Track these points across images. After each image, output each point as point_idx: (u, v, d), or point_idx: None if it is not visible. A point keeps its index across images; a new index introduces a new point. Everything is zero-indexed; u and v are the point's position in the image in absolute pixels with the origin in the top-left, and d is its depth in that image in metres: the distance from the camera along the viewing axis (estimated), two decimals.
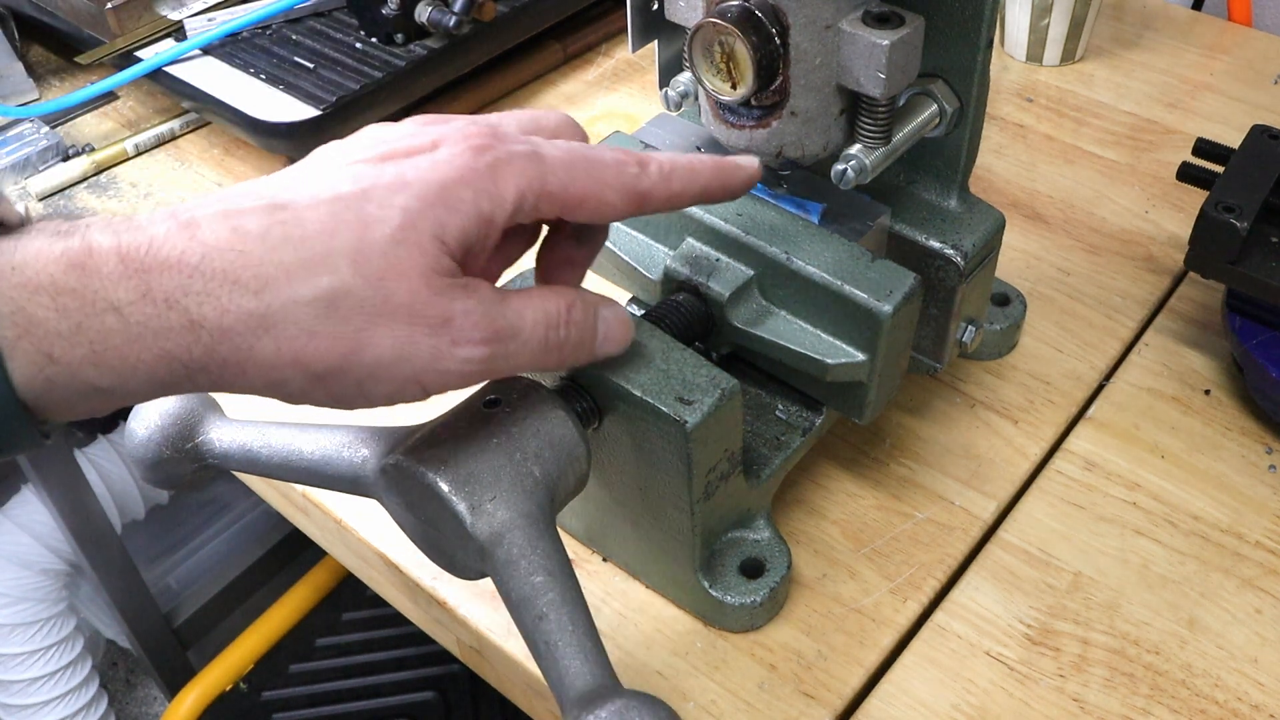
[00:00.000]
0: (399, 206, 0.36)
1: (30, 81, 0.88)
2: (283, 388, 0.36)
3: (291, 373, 0.35)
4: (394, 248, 0.36)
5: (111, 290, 0.33)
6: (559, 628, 0.39)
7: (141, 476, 0.51)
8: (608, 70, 0.90)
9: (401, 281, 0.36)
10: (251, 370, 0.35)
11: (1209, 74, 0.87)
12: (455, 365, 0.38)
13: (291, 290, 0.35)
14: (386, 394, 0.37)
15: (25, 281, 0.33)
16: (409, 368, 0.37)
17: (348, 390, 0.37)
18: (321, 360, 0.35)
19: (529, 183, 0.39)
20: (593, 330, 0.43)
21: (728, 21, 0.44)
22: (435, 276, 0.37)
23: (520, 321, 0.39)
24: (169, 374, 0.34)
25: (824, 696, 0.50)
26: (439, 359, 0.37)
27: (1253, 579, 0.54)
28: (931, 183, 0.54)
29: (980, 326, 0.57)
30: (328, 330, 0.35)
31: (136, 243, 0.34)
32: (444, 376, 0.38)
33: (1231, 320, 0.60)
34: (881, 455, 0.60)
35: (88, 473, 1.19)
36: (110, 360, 0.34)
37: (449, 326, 0.37)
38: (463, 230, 0.37)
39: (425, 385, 0.38)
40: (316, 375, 0.36)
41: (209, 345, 0.34)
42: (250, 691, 1.24)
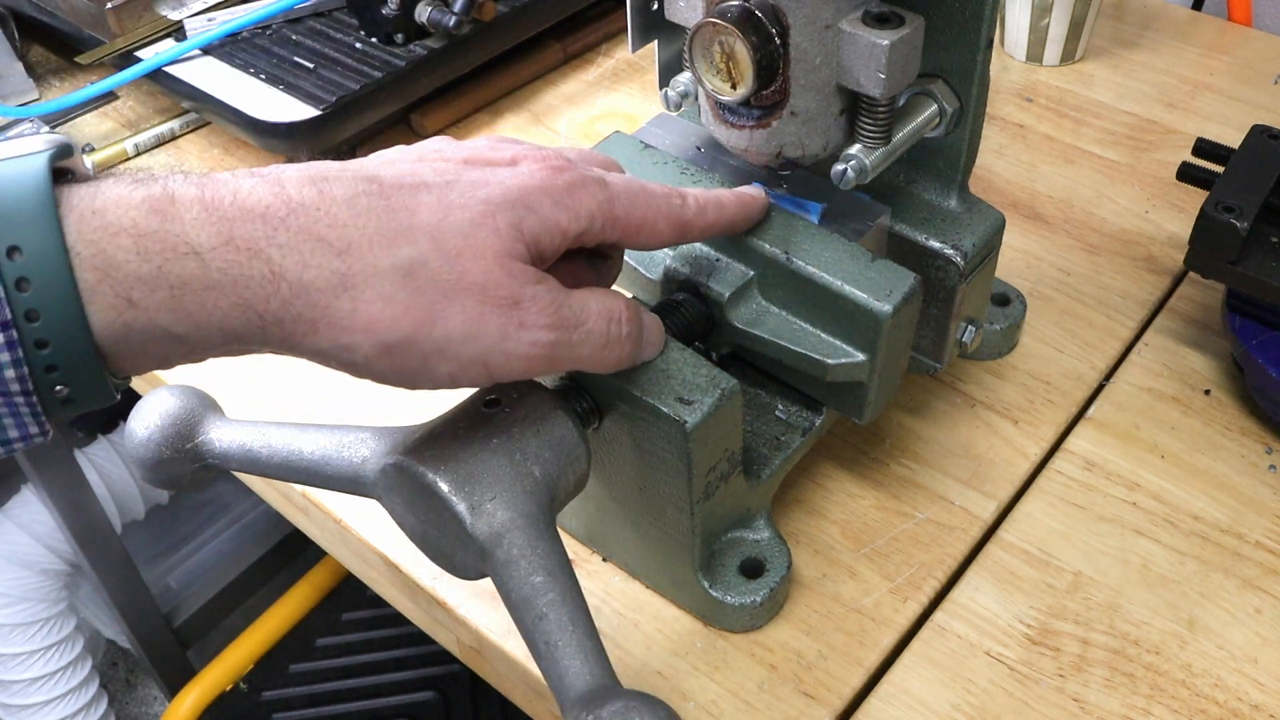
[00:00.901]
0: (481, 198, 0.38)
1: (30, 81, 0.88)
2: (350, 353, 0.36)
3: (363, 338, 0.36)
4: (473, 229, 0.37)
5: (194, 234, 0.34)
6: (559, 628, 0.39)
7: (141, 476, 0.51)
8: (608, 70, 0.90)
9: (477, 261, 0.37)
10: (324, 330, 0.35)
11: (1209, 74, 0.87)
12: (521, 348, 0.38)
13: (373, 256, 0.36)
14: (450, 373, 0.38)
15: (106, 225, 0.33)
16: (476, 346, 0.37)
17: (412, 364, 0.37)
18: (394, 328, 0.36)
19: (599, 205, 0.41)
20: (637, 342, 0.44)
21: (728, 21, 0.44)
22: (509, 260, 0.38)
23: (585, 313, 0.40)
24: (244, 325, 0.35)
25: (824, 696, 0.50)
26: (506, 339, 0.38)
27: (1253, 579, 0.54)
28: (931, 183, 0.54)
29: (980, 326, 0.57)
30: (403, 299, 0.36)
31: (220, 193, 0.35)
32: (509, 359, 0.38)
33: (1231, 320, 0.60)
34: (881, 455, 0.60)
35: (88, 473, 1.19)
36: (188, 306, 0.34)
37: (518, 309, 0.38)
38: (538, 231, 0.39)
39: (490, 367, 0.38)
40: (386, 345, 0.36)
41: (287, 298, 0.35)
42: (250, 691, 1.24)
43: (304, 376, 0.65)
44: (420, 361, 0.37)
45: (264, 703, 1.23)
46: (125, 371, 0.36)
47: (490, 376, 0.39)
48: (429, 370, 0.37)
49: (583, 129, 0.83)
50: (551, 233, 0.39)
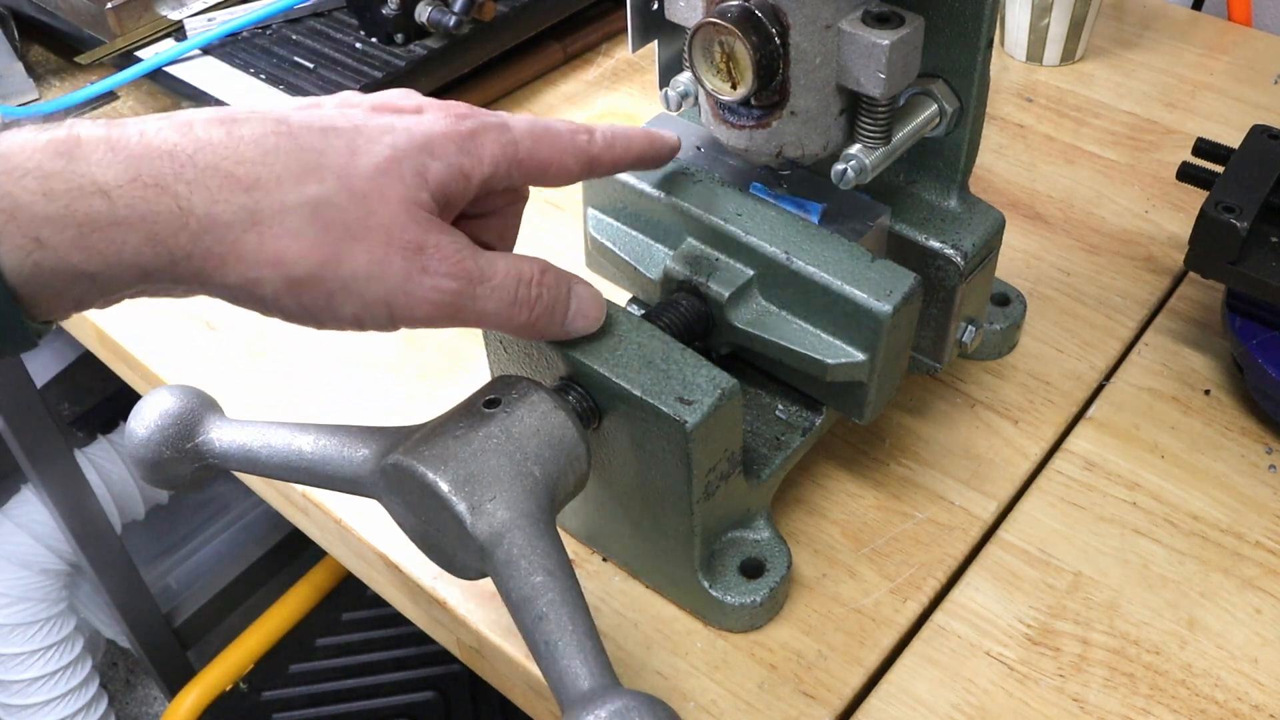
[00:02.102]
0: (387, 143, 0.39)
1: (30, 81, 0.88)
2: (258, 288, 0.37)
3: (270, 273, 0.36)
4: (379, 174, 0.38)
5: (100, 174, 0.34)
6: (559, 628, 0.39)
7: (141, 476, 0.51)
8: (608, 70, 0.90)
9: (383, 204, 0.38)
10: (232, 264, 0.36)
11: (1209, 74, 0.87)
12: (424, 293, 0.39)
13: (281, 193, 0.36)
14: (354, 312, 0.38)
15: (11, 168, 0.34)
16: (380, 287, 0.38)
17: (318, 301, 0.38)
18: (300, 263, 0.37)
19: (503, 149, 0.41)
20: (564, 300, 0.44)
21: (728, 21, 0.44)
22: (415, 208, 0.39)
23: (492, 270, 0.41)
24: (153, 261, 0.35)
25: (824, 696, 0.50)
26: (409, 282, 0.38)
27: (1253, 579, 0.54)
28: (931, 183, 0.54)
29: (980, 326, 0.57)
30: (310, 235, 0.37)
31: (127, 134, 0.35)
32: (412, 302, 0.39)
33: (1231, 320, 0.60)
34: (881, 455, 0.60)
35: (88, 473, 1.19)
36: (97, 244, 0.34)
37: (422, 254, 0.38)
38: (443, 177, 0.40)
39: (393, 309, 0.38)
40: (293, 279, 0.37)
41: (195, 233, 0.35)
42: (250, 691, 1.24)
43: (304, 377, 0.65)
44: (326, 299, 0.38)
45: (264, 703, 1.23)
46: (42, 315, 0.36)
47: (393, 319, 0.39)
48: (334, 308, 0.38)
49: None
50: (457, 179, 0.40)
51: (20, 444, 1.08)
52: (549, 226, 0.74)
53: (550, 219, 0.75)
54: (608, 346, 0.46)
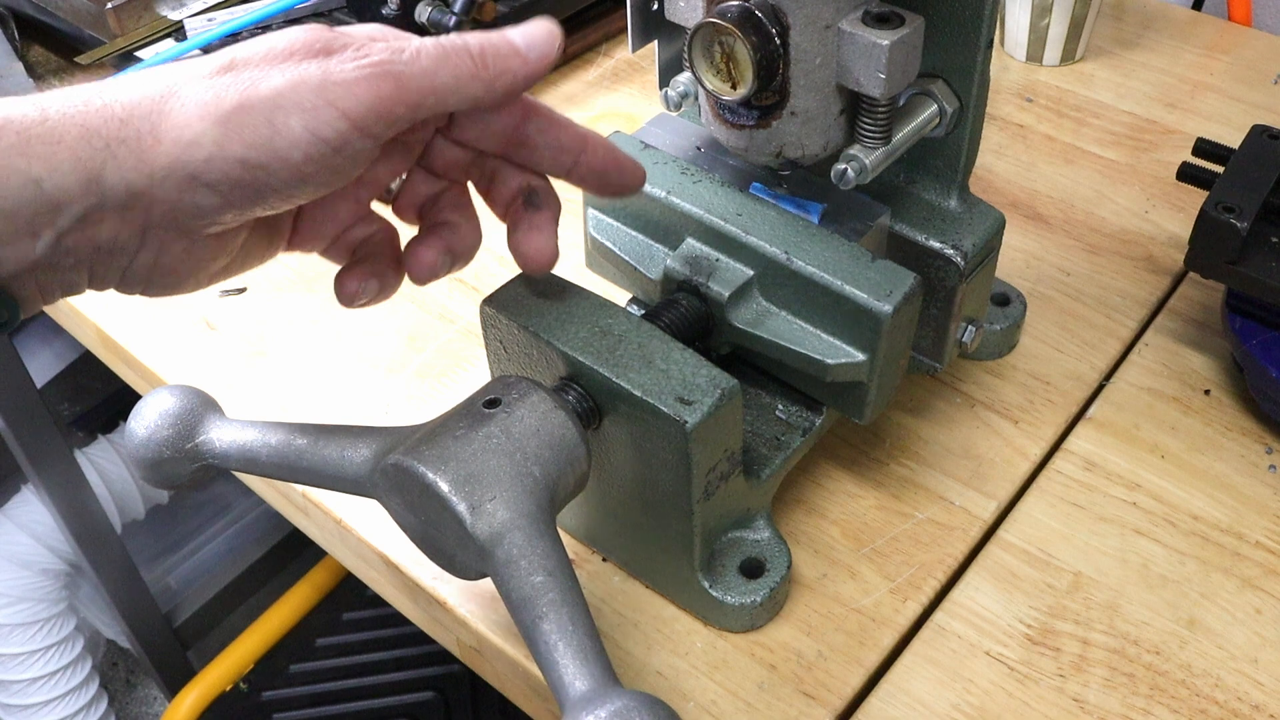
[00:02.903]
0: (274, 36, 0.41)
1: (30, 81, 0.88)
2: (198, 145, 0.37)
3: (201, 125, 0.37)
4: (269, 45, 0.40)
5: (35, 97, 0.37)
6: (559, 628, 0.39)
7: (141, 476, 0.51)
8: (608, 70, 0.90)
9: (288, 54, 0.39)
10: (164, 132, 0.37)
11: (1209, 74, 0.87)
12: (353, 73, 0.38)
13: (189, 69, 0.39)
14: (305, 125, 0.38)
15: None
16: (307, 88, 0.38)
17: (260, 131, 0.37)
18: (220, 104, 0.37)
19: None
20: (505, 40, 0.42)
21: (728, 21, 0.44)
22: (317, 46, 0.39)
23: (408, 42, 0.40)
24: (90, 153, 0.36)
25: (824, 696, 0.50)
26: (332, 74, 0.38)
27: (1253, 579, 0.54)
28: (931, 183, 0.54)
29: (980, 326, 0.57)
30: (221, 83, 0.38)
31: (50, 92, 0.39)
32: (348, 91, 0.38)
33: (1231, 320, 0.60)
34: (881, 455, 0.60)
35: (88, 473, 1.19)
36: (35, 145, 0.36)
37: (330, 53, 0.39)
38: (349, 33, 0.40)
39: (337, 104, 0.38)
40: (222, 119, 0.37)
41: (122, 117, 0.37)
42: (250, 691, 1.24)
43: (304, 377, 0.65)
44: (267, 125, 0.37)
45: (264, 703, 1.23)
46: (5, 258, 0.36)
47: (347, 117, 0.38)
48: (280, 131, 0.38)
49: None
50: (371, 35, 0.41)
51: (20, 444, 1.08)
52: None
53: None
54: (608, 346, 0.46)
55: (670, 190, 0.52)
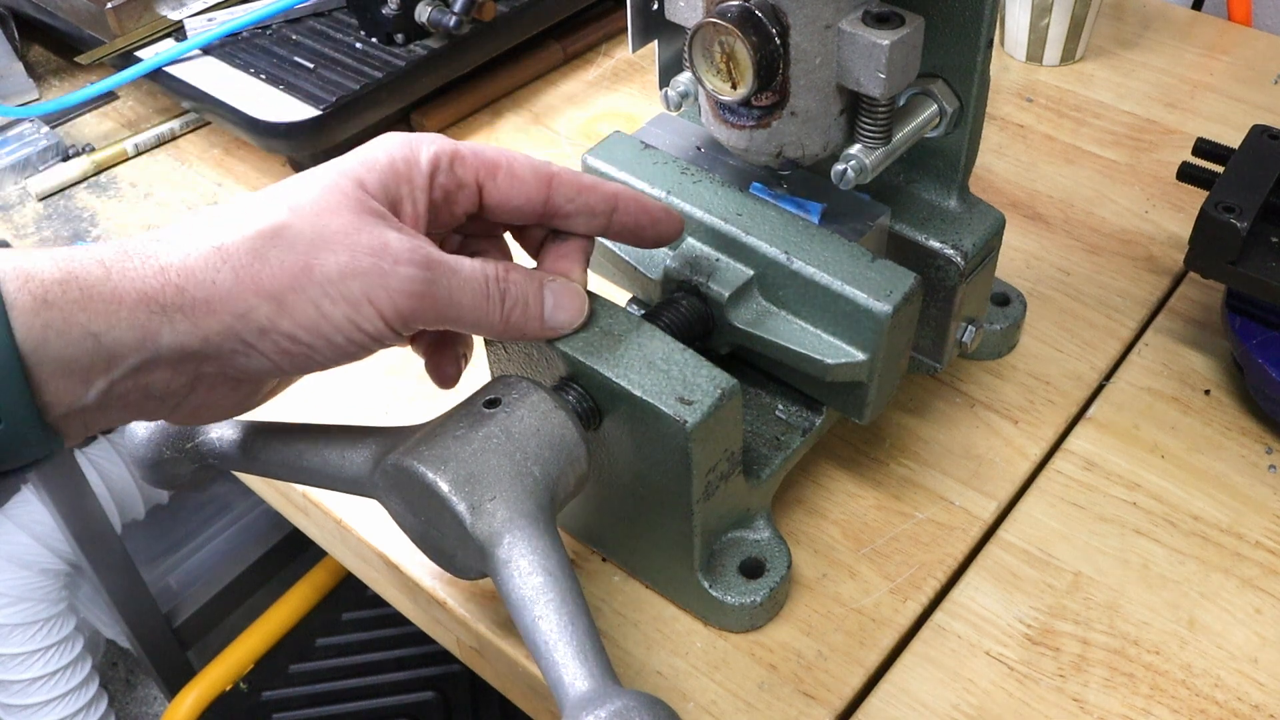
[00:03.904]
0: (323, 172, 0.43)
1: (30, 81, 0.88)
2: (251, 317, 0.39)
3: (254, 299, 0.39)
4: (321, 195, 0.41)
5: (96, 251, 0.38)
6: (559, 628, 0.39)
7: (141, 476, 0.51)
8: (608, 70, 0.90)
9: (334, 216, 0.41)
10: (218, 303, 0.39)
11: (1209, 74, 0.87)
12: (399, 283, 0.40)
13: (240, 230, 0.40)
14: (346, 315, 0.40)
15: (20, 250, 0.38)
16: (358, 284, 0.40)
17: (309, 313, 0.39)
18: (277, 280, 0.39)
19: (441, 147, 0.44)
20: (538, 295, 0.45)
21: (728, 21, 0.44)
22: (364, 213, 0.41)
23: (458, 264, 0.43)
24: (148, 315, 0.38)
25: (824, 696, 0.50)
26: (383, 276, 0.40)
27: (1253, 579, 0.54)
28: (931, 183, 0.54)
29: (980, 326, 0.57)
30: (277, 255, 0.39)
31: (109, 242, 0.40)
32: (391, 295, 0.40)
33: (1231, 320, 0.60)
34: (881, 455, 0.60)
35: (88, 473, 1.19)
36: (97, 304, 0.37)
37: (387, 250, 0.41)
38: (382, 177, 0.42)
39: (376, 304, 0.40)
40: (276, 297, 0.39)
41: (178, 284, 0.38)
42: (250, 691, 1.24)
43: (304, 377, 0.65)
44: (314, 309, 0.40)
45: (264, 703, 1.23)
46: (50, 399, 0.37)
47: (382, 317, 0.40)
48: (327, 317, 0.40)
49: (583, 129, 0.83)
50: (397, 178, 0.43)
51: None
52: None
53: None
54: (607, 346, 0.46)
55: (670, 190, 0.52)
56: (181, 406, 0.41)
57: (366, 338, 0.41)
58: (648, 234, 0.49)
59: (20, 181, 0.79)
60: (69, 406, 0.37)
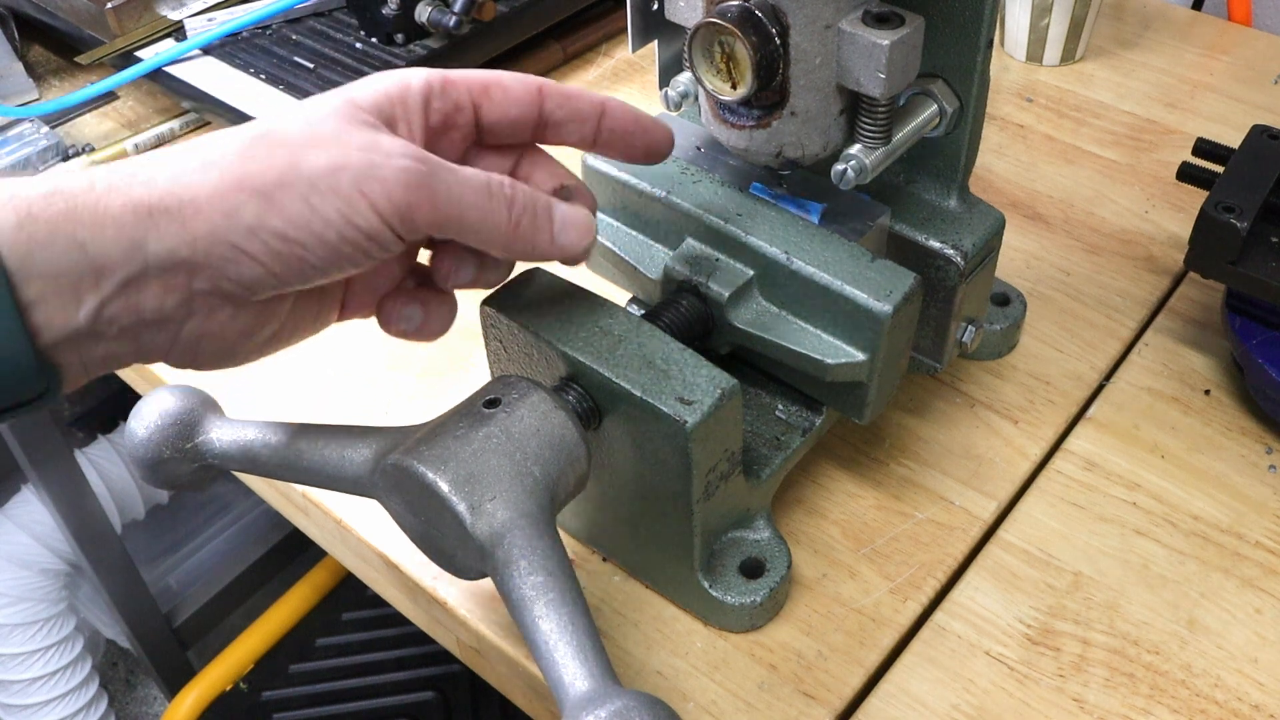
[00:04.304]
0: (312, 99, 0.42)
1: (30, 81, 0.88)
2: (238, 216, 0.38)
3: (240, 196, 0.38)
4: (310, 108, 0.41)
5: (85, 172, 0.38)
6: (559, 628, 0.39)
7: (141, 476, 0.51)
8: (608, 70, 0.90)
9: (323, 123, 0.40)
10: (204, 203, 0.38)
11: (1209, 74, 0.87)
12: (394, 173, 0.39)
13: (228, 138, 0.39)
14: (337, 209, 0.38)
15: (8, 176, 0.38)
16: (347, 177, 0.38)
17: (299, 209, 0.38)
18: (262, 176, 0.38)
19: (430, 74, 0.43)
20: (546, 208, 0.44)
21: (728, 21, 0.44)
22: (356, 122, 0.40)
23: (456, 167, 0.41)
24: (135, 221, 0.37)
25: (824, 696, 0.50)
26: (375, 168, 0.39)
27: (1253, 579, 0.54)
28: (931, 183, 0.54)
29: (980, 326, 0.57)
30: (263, 154, 0.39)
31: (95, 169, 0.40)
32: (386, 188, 0.39)
33: (1231, 320, 0.60)
34: (881, 455, 0.60)
35: (88, 473, 1.19)
36: (82, 214, 0.37)
37: (378, 145, 0.39)
38: (374, 99, 0.42)
39: (371, 197, 0.39)
40: (263, 192, 0.38)
41: (164, 188, 0.38)
42: (250, 691, 1.24)
43: (304, 377, 0.65)
44: (304, 204, 0.38)
45: (264, 703, 1.23)
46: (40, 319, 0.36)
47: (377, 212, 0.39)
48: (316, 210, 0.38)
49: None
50: (391, 101, 0.42)
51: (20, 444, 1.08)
52: None
53: None
54: (608, 346, 0.46)
55: (670, 190, 0.52)
56: (180, 338, 0.40)
57: (360, 234, 0.39)
58: (638, 142, 0.47)
59: None
60: (60, 330, 0.37)
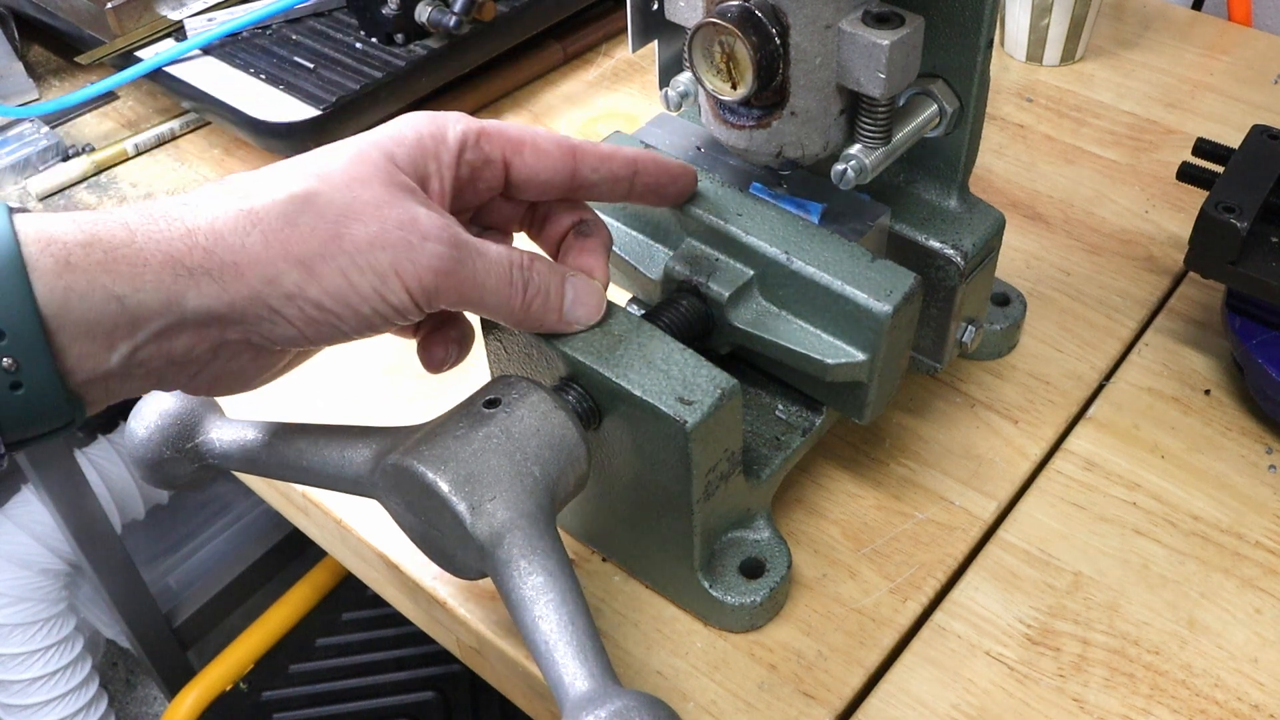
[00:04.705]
0: (353, 144, 0.43)
1: (30, 81, 0.88)
2: (279, 283, 0.39)
3: (283, 265, 0.39)
4: (352, 164, 0.41)
5: (120, 214, 0.38)
6: (559, 628, 0.39)
7: (141, 476, 0.51)
8: (608, 70, 0.90)
9: (365, 188, 0.41)
10: (246, 267, 0.38)
11: (1209, 74, 0.87)
12: (426, 259, 0.40)
13: (271, 194, 0.39)
14: (373, 286, 0.40)
15: (46, 216, 0.37)
16: (386, 256, 0.40)
17: (337, 282, 0.39)
18: (305, 246, 0.39)
19: (468, 124, 0.44)
20: (559, 289, 0.46)
21: (728, 21, 0.44)
22: (394, 187, 0.41)
23: (485, 246, 0.43)
24: (174, 278, 0.37)
25: (824, 696, 0.50)
26: (411, 250, 0.40)
27: (1253, 579, 0.54)
28: (931, 183, 0.54)
29: (980, 326, 0.57)
30: (308, 221, 0.39)
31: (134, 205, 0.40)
32: (418, 269, 0.40)
33: (1231, 320, 0.60)
34: (881, 455, 0.60)
35: (88, 473, 1.19)
36: (121, 266, 0.37)
37: (416, 225, 0.41)
38: (411, 151, 0.43)
39: (404, 277, 0.40)
40: (304, 263, 0.39)
41: (206, 247, 0.38)
42: (250, 691, 1.24)
43: (304, 377, 0.65)
44: (343, 278, 0.39)
45: (264, 703, 1.23)
46: (73, 366, 0.37)
47: (408, 290, 0.40)
48: (354, 285, 0.40)
49: (583, 129, 0.83)
50: (425, 154, 0.43)
51: None
52: None
53: None
54: (608, 346, 0.46)
55: None
56: (202, 374, 0.41)
57: (391, 310, 0.41)
58: (669, 191, 0.50)
59: (20, 182, 0.79)
60: (91, 372, 0.37)
